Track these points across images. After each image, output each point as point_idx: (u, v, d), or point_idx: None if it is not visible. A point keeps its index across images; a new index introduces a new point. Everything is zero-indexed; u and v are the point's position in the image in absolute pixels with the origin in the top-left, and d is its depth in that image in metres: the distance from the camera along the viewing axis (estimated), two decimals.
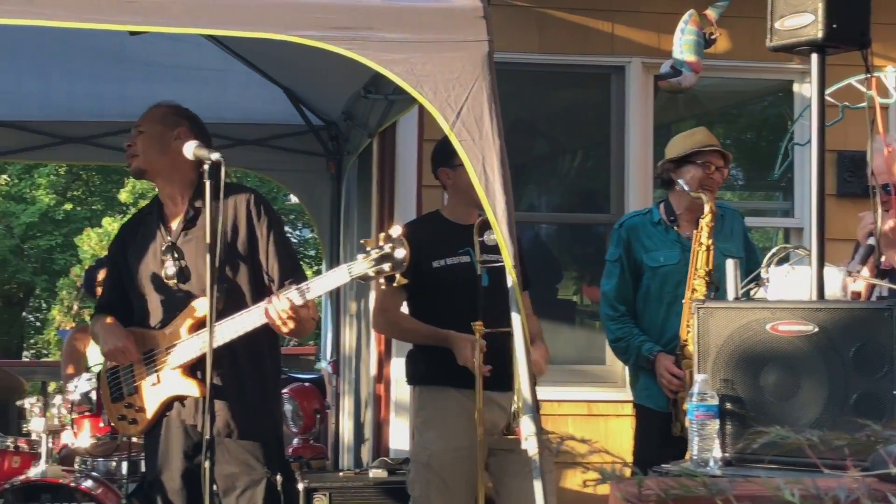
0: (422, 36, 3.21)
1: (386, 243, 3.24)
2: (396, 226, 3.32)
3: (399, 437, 5.34)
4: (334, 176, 6.59)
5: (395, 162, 5.51)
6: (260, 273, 3.65)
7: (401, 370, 4.46)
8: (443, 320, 3.94)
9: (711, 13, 5.33)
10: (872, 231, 3.41)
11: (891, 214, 3.55)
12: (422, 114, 5.29)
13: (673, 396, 4.11)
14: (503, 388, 3.73)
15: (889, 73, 5.20)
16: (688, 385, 4.01)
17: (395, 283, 3.28)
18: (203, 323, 3.54)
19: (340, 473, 4.77)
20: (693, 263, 4.07)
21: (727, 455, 2.86)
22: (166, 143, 3.71)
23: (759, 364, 2.89)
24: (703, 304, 3.01)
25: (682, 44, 5.12)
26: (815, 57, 3.20)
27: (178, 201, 3.74)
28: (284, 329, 3.44)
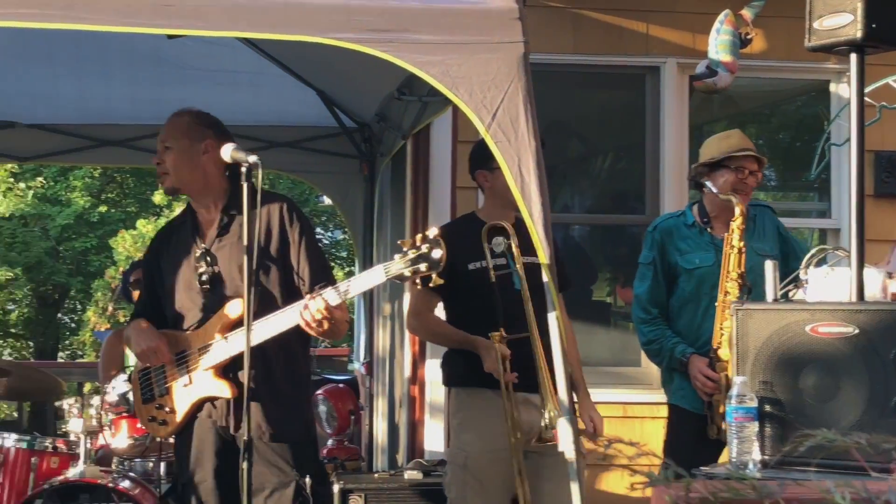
0: (457, 37, 3.22)
1: (423, 243, 3.24)
2: (433, 227, 3.32)
3: (434, 438, 5.34)
4: (367, 178, 6.61)
5: (430, 163, 5.51)
6: (291, 277, 3.66)
7: (435, 372, 4.47)
8: (478, 322, 3.94)
9: (747, 13, 5.30)
10: None
11: None
12: (456, 115, 5.29)
13: (707, 399, 4.09)
14: (538, 389, 3.73)
15: None
16: (723, 387, 3.99)
17: (431, 284, 3.28)
18: (235, 324, 3.57)
19: (375, 475, 4.78)
20: (725, 266, 4.05)
21: (766, 457, 2.84)
22: (195, 158, 3.71)
23: (799, 366, 2.87)
24: (742, 305, 3.00)
25: (718, 44, 5.09)
26: (855, 57, 3.18)
27: (212, 209, 3.76)
28: (318, 330, 3.45)
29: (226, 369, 3.61)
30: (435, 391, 5.30)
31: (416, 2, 3.28)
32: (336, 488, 4.54)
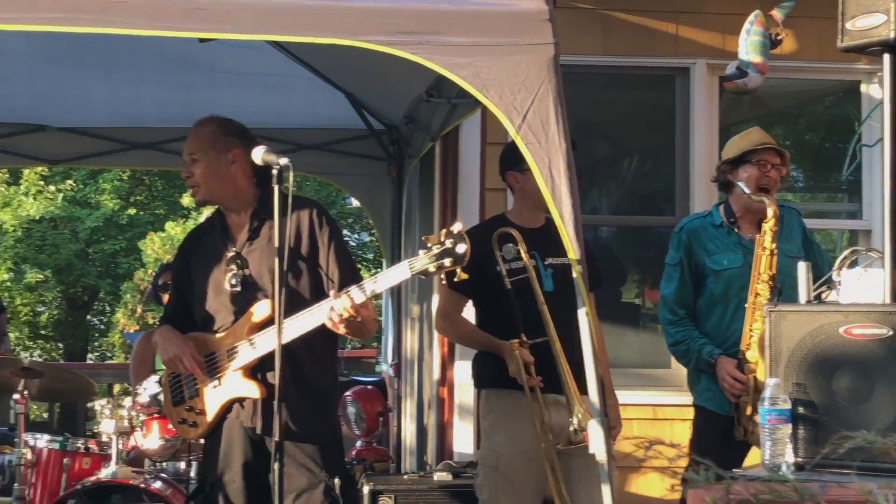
0: (488, 39, 3.22)
1: (447, 238, 3.24)
2: (458, 222, 3.32)
3: (463, 440, 5.34)
4: (395, 180, 6.62)
5: (458, 165, 5.51)
6: (320, 280, 3.67)
7: (464, 373, 4.48)
8: (507, 324, 3.94)
9: (777, 13, 5.27)
10: None
11: None
12: (485, 117, 5.29)
13: (735, 400, 4.06)
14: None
15: None
16: (751, 389, 3.97)
17: (456, 279, 3.28)
18: (263, 326, 3.58)
19: (405, 476, 4.78)
20: (756, 267, 4.02)
21: (800, 460, 2.82)
22: (223, 169, 3.72)
23: (832, 368, 2.86)
24: (776, 307, 2.98)
25: (748, 45, 5.06)
26: (888, 57, 3.16)
27: (242, 214, 3.78)
28: (345, 328, 3.46)
29: (254, 370, 3.62)
30: (464, 393, 5.30)
31: (447, 4, 3.28)
32: (366, 489, 4.55)
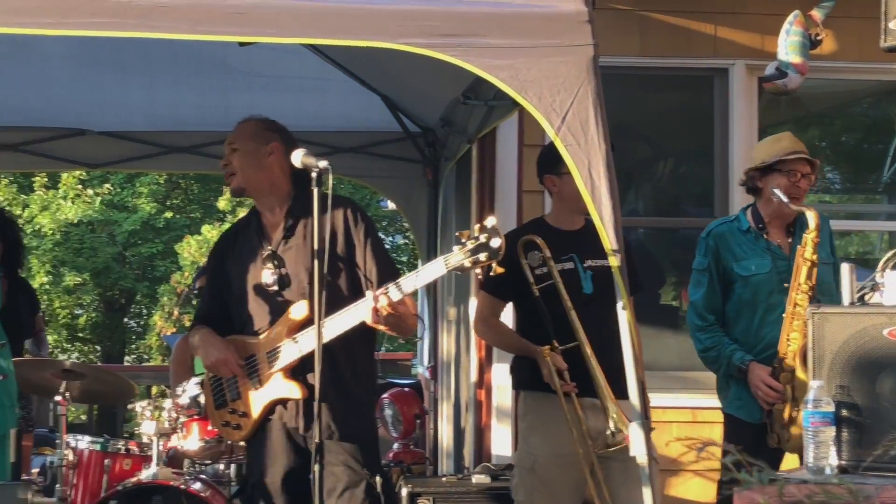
0: (527, 41, 3.22)
1: (481, 234, 3.24)
2: (491, 216, 3.32)
3: (501, 442, 5.33)
4: (431, 182, 6.61)
5: (496, 167, 5.51)
6: (357, 278, 3.69)
7: (502, 376, 4.47)
8: (546, 327, 3.93)
9: (817, 14, 5.22)
10: None
11: None
12: (522, 119, 5.28)
13: (768, 408, 4.02)
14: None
15: None
16: (788, 398, 3.93)
17: (492, 273, 3.27)
18: (302, 326, 3.60)
19: (443, 478, 4.78)
20: (796, 277, 3.96)
21: (843, 462, 2.80)
22: (261, 159, 3.77)
23: (876, 370, 2.84)
24: (819, 309, 2.96)
25: (788, 45, 5.02)
26: None
27: (276, 212, 3.80)
28: (384, 325, 3.47)
29: (295, 371, 3.64)
30: (502, 395, 5.30)
31: (486, 6, 3.29)
32: (404, 491, 4.55)
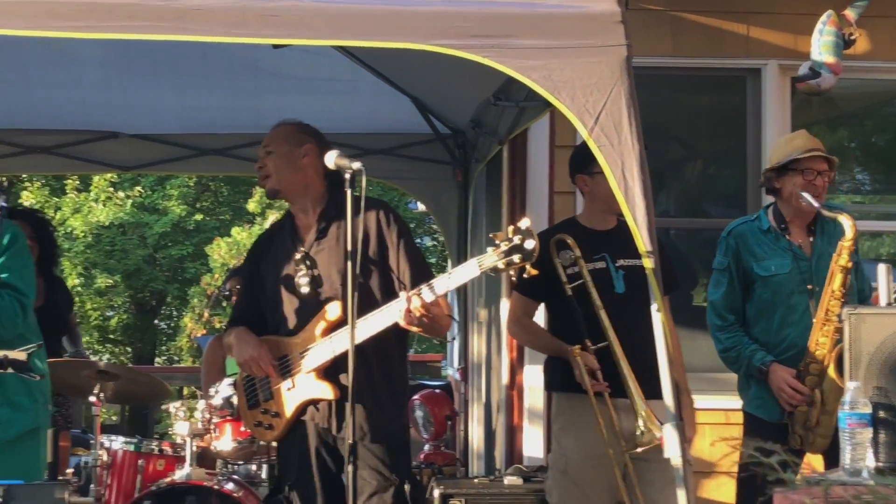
0: (560, 42, 3.22)
1: (515, 235, 3.24)
2: (525, 218, 3.32)
3: (533, 444, 5.33)
4: (461, 184, 6.61)
5: (527, 168, 5.50)
6: (390, 281, 3.70)
7: (534, 377, 4.47)
8: (578, 326, 3.93)
9: (850, 13, 5.19)
10: None
11: None
12: (553, 119, 5.27)
13: (790, 409, 4.00)
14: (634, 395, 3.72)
15: None
16: (817, 402, 3.90)
17: (526, 275, 3.27)
18: (335, 327, 3.61)
19: (475, 480, 4.76)
20: (830, 283, 3.92)
21: (881, 464, 2.78)
22: (295, 161, 3.80)
23: None
24: (855, 310, 2.94)
25: (821, 45, 4.99)
26: None
27: (310, 214, 3.83)
28: (417, 326, 3.47)
29: (327, 371, 3.66)
30: (534, 397, 5.29)
31: (518, 7, 3.29)
32: (436, 493, 4.55)
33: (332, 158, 3.46)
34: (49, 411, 3.87)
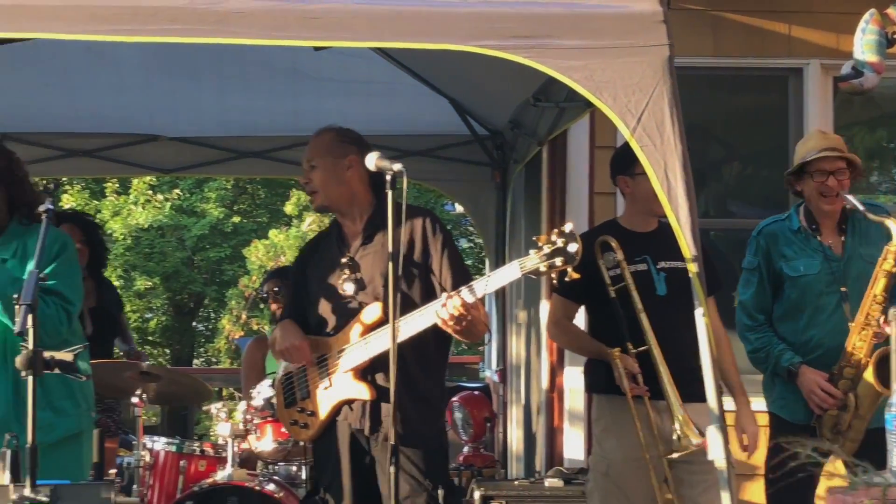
0: (601, 42, 3.20)
1: (558, 238, 3.22)
2: (569, 222, 3.30)
3: (573, 446, 5.31)
4: (499, 185, 6.61)
5: (567, 169, 5.49)
6: (432, 287, 3.70)
7: (575, 379, 4.45)
8: (616, 331, 3.91)
9: (893, 12, 5.13)
10: None
11: None
12: (593, 120, 5.25)
13: (820, 412, 3.95)
14: (682, 398, 3.70)
15: None
16: (851, 407, 3.86)
17: (568, 278, 3.25)
18: (373, 328, 3.62)
19: (515, 482, 4.77)
20: (872, 287, 3.86)
21: None
22: (340, 174, 3.79)
23: None
24: None
25: (864, 44, 4.93)
26: None
27: (357, 222, 3.83)
28: (455, 328, 3.46)
29: (364, 372, 3.66)
30: (574, 399, 5.27)
31: (559, 7, 3.28)
32: (477, 495, 4.55)
33: (372, 160, 3.45)
34: (92, 417, 3.89)
